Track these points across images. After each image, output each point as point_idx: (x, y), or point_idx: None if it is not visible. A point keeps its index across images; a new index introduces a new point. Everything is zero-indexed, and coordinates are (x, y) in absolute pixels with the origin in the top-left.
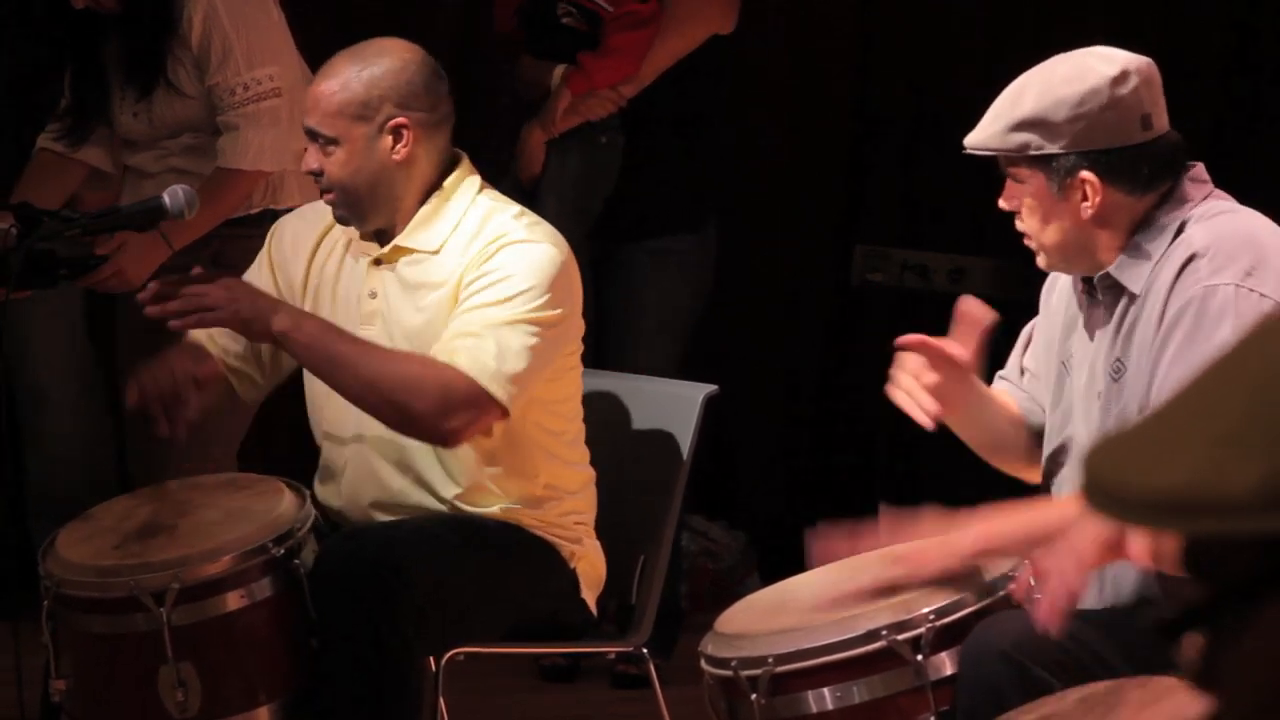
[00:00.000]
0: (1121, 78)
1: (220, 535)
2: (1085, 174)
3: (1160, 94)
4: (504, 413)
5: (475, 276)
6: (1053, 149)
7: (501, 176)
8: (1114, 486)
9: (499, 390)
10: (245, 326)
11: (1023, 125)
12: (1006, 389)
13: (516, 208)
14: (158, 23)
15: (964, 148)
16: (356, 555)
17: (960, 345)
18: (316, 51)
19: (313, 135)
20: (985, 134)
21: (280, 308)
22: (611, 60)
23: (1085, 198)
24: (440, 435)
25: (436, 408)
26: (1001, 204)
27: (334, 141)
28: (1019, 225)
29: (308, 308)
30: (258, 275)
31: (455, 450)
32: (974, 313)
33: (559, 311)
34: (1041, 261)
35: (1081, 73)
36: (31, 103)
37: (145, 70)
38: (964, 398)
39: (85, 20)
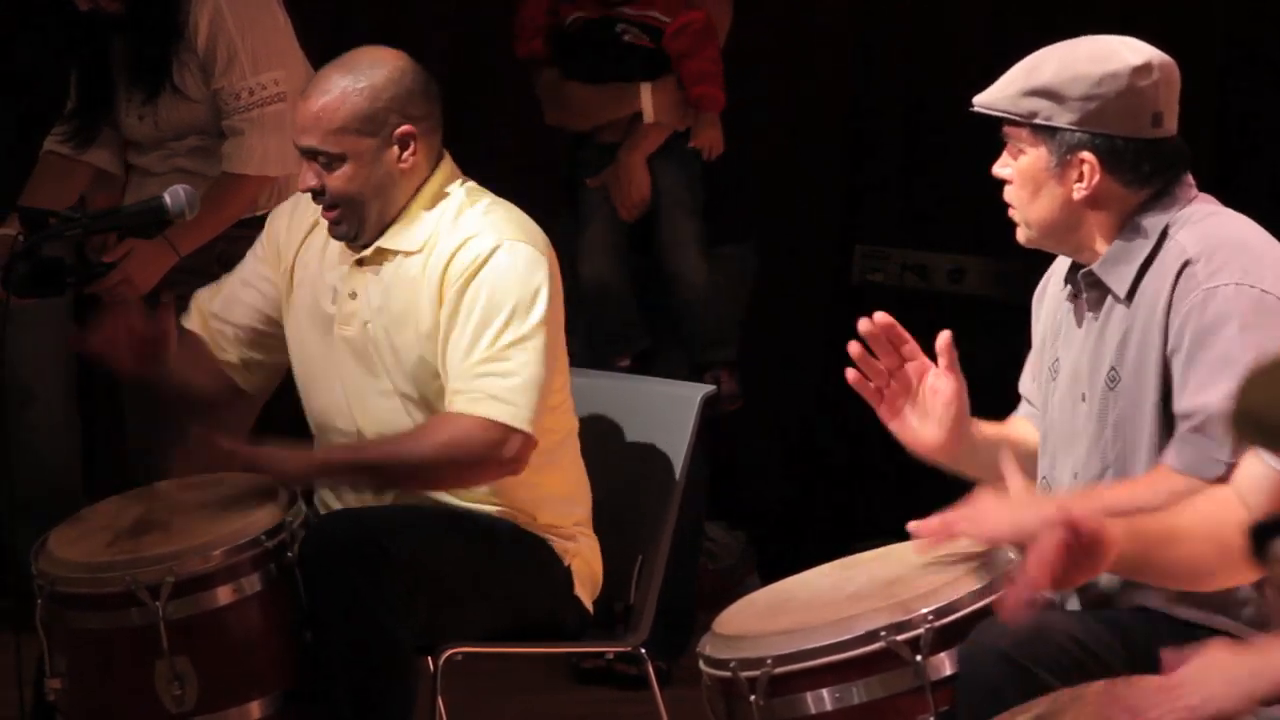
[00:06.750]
0: (1144, 69)
1: (213, 530)
2: (1086, 154)
3: (1176, 97)
4: (533, 439)
5: (455, 307)
6: (1060, 122)
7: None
8: (1263, 416)
9: (521, 424)
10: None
11: (1036, 93)
12: (1026, 416)
13: (487, 200)
14: (162, 26)
15: (972, 106)
16: (342, 530)
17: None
18: (315, 55)
19: (312, 154)
20: (997, 95)
21: (303, 458)
22: (714, 75)
23: (1081, 178)
24: (498, 474)
25: (480, 457)
26: (995, 170)
27: (340, 158)
28: (1007, 194)
29: (290, 300)
30: (254, 263)
31: None
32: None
33: (547, 307)
34: (1022, 235)
35: (1106, 55)
36: (36, 105)
37: (151, 74)
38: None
39: (90, 22)
